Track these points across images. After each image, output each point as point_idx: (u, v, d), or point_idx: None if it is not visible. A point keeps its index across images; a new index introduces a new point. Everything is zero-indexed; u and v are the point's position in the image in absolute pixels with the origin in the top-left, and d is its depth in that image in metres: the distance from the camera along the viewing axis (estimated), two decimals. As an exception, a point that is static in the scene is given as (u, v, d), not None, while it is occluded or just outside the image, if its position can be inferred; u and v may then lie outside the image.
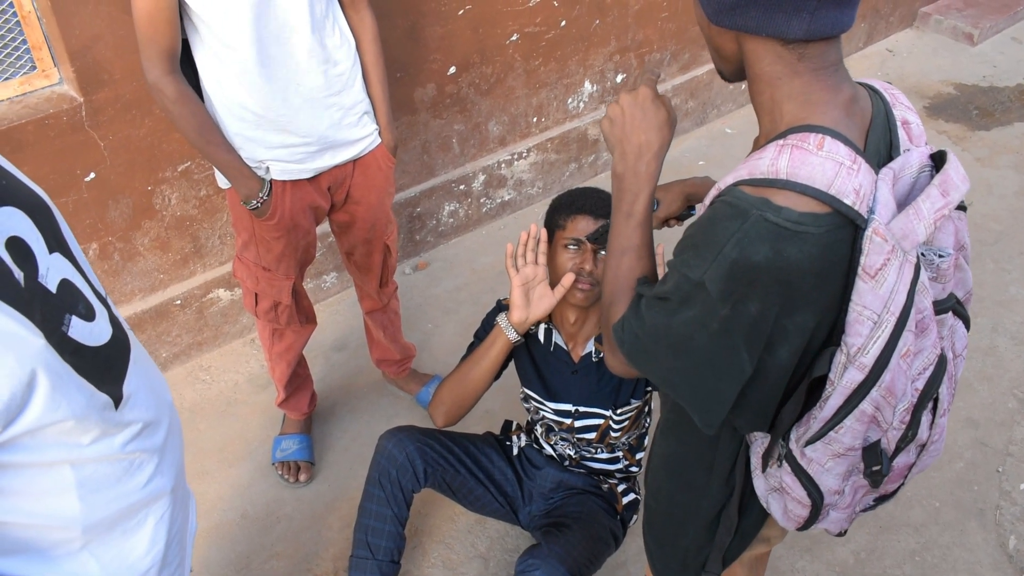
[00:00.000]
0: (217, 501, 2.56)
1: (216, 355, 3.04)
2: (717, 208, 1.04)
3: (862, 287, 1.00)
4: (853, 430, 1.07)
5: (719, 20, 1.06)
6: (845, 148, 0.99)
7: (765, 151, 1.02)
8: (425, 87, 3.13)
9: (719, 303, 1.02)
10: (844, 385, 1.05)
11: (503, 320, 1.93)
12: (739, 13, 1.03)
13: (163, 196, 2.66)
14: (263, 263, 2.20)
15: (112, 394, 1.06)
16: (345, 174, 2.19)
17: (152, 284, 2.81)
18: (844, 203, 0.98)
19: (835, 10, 0.99)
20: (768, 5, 0.99)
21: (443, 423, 2.04)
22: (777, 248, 0.98)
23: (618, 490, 2.22)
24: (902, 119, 1.13)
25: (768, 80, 1.06)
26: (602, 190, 1.97)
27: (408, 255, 3.46)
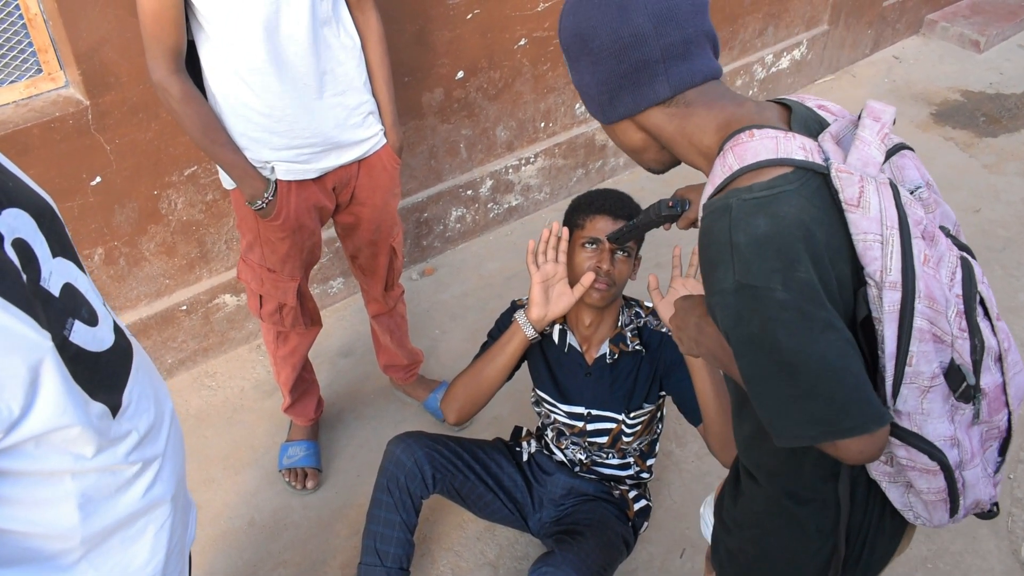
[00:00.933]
0: (223, 509, 2.53)
1: (222, 361, 3.02)
2: (704, 226, 1.11)
3: (853, 218, 1.06)
4: (923, 354, 1.07)
5: (608, 117, 1.22)
6: (772, 128, 1.10)
7: (714, 169, 1.13)
8: (433, 92, 3.12)
9: (767, 286, 1.03)
10: (888, 311, 1.06)
11: (521, 317, 1.91)
12: (616, 104, 1.19)
13: (169, 201, 2.64)
14: (268, 264, 2.18)
15: (109, 402, 1.04)
16: (350, 175, 2.17)
17: (158, 289, 2.79)
18: (797, 159, 1.06)
19: (683, 62, 1.14)
20: (631, 86, 1.16)
21: (455, 420, 2.02)
22: (771, 212, 1.04)
23: (629, 496, 2.19)
24: (817, 105, 1.22)
25: (678, 134, 1.18)
26: (622, 192, 1.95)
27: (415, 260, 3.44)
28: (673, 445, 2.68)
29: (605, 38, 1.14)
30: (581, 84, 1.22)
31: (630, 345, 2.00)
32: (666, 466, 2.61)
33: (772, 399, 1.09)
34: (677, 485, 2.55)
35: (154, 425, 1.16)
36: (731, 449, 1.82)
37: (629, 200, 1.92)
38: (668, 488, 2.54)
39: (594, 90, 1.20)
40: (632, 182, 3.98)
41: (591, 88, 1.20)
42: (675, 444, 2.68)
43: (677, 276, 1.82)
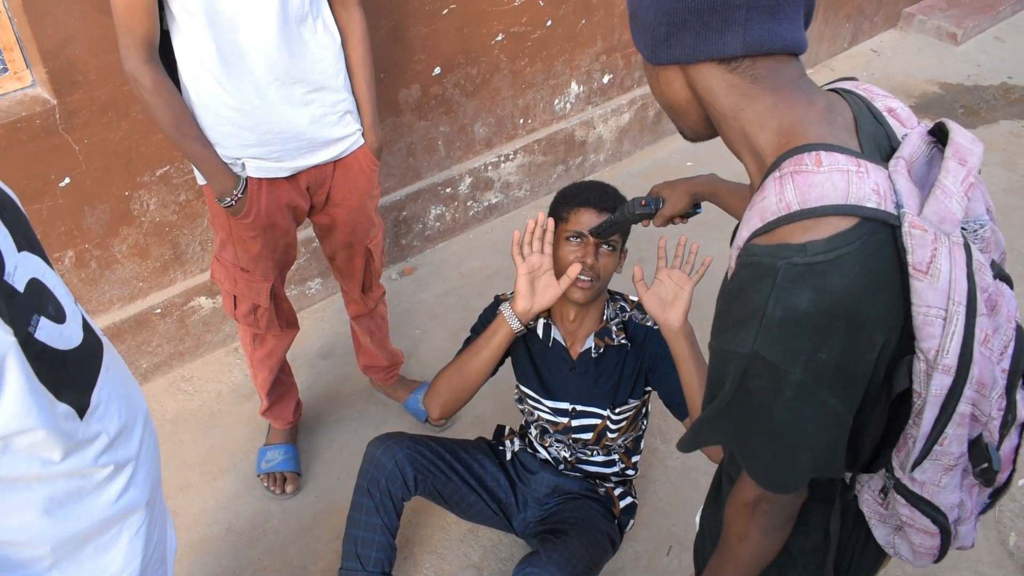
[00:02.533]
0: (201, 515, 2.48)
1: (198, 365, 2.97)
2: (740, 273, 0.97)
3: (919, 286, 0.92)
4: (957, 437, 0.99)
5: (658, 57, 1.02)
6: (844, 156, 0.93)
7: (766, 190, 0.96)
8: (409, 88, 3.08)
9: (784, 367, 0.94)
10: (935, 394, 0.96)
11: (507, 309, 1.88)
12: (674, 43, 0.99)
13: (141, 201, 2.58)
14: (241, 264, 2.13)
15: (76, 403, 1.00)
16: (325, 175, 2.12)
17: (131, 292, 2.73)
18: (868, 207, 0.90)
19: (769, 20, 0.94)
20: (698, 27, 0.96)
21: (439, 415, 1.98)
22: (819, 286, 0.90)
23: (615, 494, 2.16)
24: (886, 107, 1.07)
25: (731, 114, 1.01)
26: (607, 184, 1.92)
27: (394, 260, 3.40)
28: (658, 441, 2.65)
29: None
30: (637, 7, 1.02)
31: (615, 339, 1.97)
32: (651, 463, 2.58)
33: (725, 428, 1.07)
34: (663, 482, 2.52)
35: (126, 427, 1.12)
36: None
37: (614, 192, 1.89)
38: (653, 485, 2.51)
39: (651, 17, 0.99)
40: (612, 178, 3.95)
41: (648, 14, 1.00)
42: (660, 440, 2.65)
43: (663, 267, 1.79)
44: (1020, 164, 4.04)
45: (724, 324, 1.01)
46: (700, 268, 1.76)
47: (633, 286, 1.83)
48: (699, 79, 1.01)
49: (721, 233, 3.51)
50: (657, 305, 1.76)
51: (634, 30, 1.05)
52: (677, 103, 1.07)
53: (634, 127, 4.02)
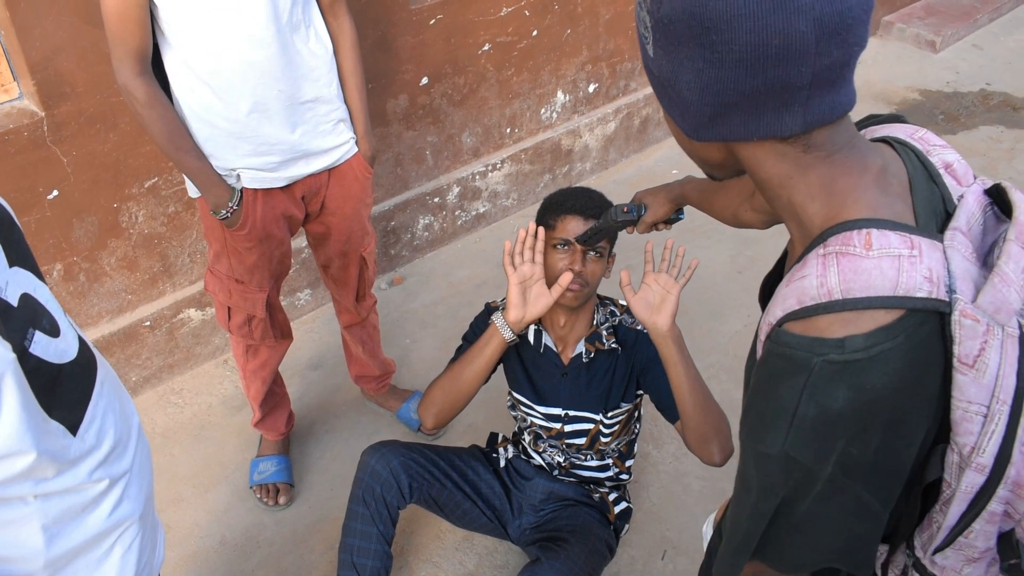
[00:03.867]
0: (194, 528, 2.46)
1: (188, 377, 2.95)
2: (771, 363, 0.89)
3: (962, 380, 0.85)
4: (985, 532, 0.93)
5: (699, 135, 0.90)
6: (896, 236, 0.84)
7: (807, 266, 0.88)
8: (397, 98, 3.08)
9: (816, 466, 0.88)
10: (964, 490, 0.90)
11: (499, 319, 1.88)
12: (720, 123, 0.87)
13: (130, 213, 2.57)
14: (235, 275, 2.13)
15: (68, 419, 0.99)
16: (320, 183, 2.13)
17: (120, 305, 2.72)
18: (919, 298, 0.83)
19: (830, 93, 0.84)
20: (751, 108, 0.84)
21: (433, 425, 1.97)
22: (856, 384, 0.83)
23: (609, 499, 2.16)
24: (942, 163, 0.97)
25: (779, 183, 0.91)
26: (592, 190, 1.93)
27: (383, 270, 3.39)
28: (650, 447, 2.66)
29: (744, 36, 0.79)
30: (674, 79, 0.87)
31: (606, 343, 1.98)
32: (643, 468, 2.58)
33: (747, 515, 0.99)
34: (656, 487, 2.53)
35: (120, 440, 1.11)
36: (709, 444, 1.81)
37: (600, 198, 1.91)
38: (646, 490, 2.52)
39: (695, 96, 0.86)
40: (599, 187, 3.94)
41: (691, 92, 0.86)
42: (652, 446, 2.66)
43: (649, 272, 1.80)
44: (1000, 169, 4.09)
45: (752, 422, 0.94)
46: (687, 272, 1.77)
47: (621, 291, 1.85)
48: (744, 148, 0.91)
49: (707, 239, 3.54)
50: (644, 309, 1.76)
51: (664, 99, 0.92)
52: (711, 161, 0.97)
53: (620, 136, 4.04)
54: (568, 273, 1.80)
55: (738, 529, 1.01)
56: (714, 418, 1.80)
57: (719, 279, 3.35)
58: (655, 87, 0.93)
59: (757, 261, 3.43)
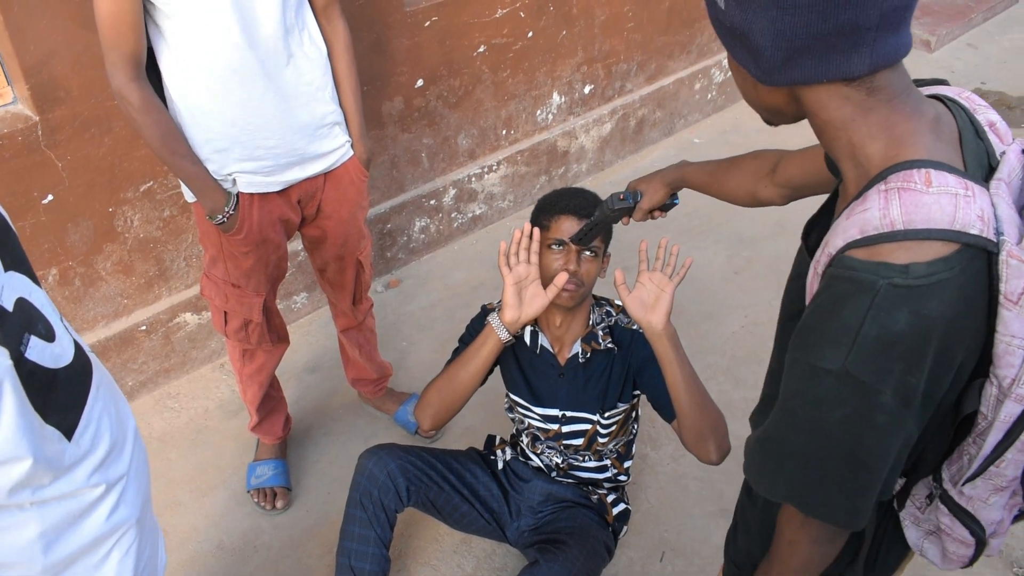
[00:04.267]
0: (191, 533, 2.46)
1: (184, 382, 2.94)
2: (836, 286, 0.93)
3: (1007, 316, 0.91)
4: (1015, 461, 1.00)
5: (772, 80, 0.95)
6: (953, 177, 0.90)
7: (868, 201, 0.92)
8: (393, 100, 3.08)
9: (876, 387, 0.92)
10: (1002, 420, 0.96)
11: (495, 320, 1.87)
12: (792, 67, 0.92)
13: (125, 218, 2.57)
14: (232, 279, 2.12)
15: (64, 424, 0.99)
16: (316, 187, 2.12)
17: (116, 310, 2.71)
18: (972, 234, 0.89)
19: (894, 35, 0.89)
20: (822, 51, 0.89)
21: (430, 426, 1.97)
22: (916, 309, 0.89)
23: (608, 500, 2.16)
24: (987, 121, 1.04)
25: (840, 125, 0.96)
26: (586, 190, 1.93)
27: (379, 273, 3.39)
28: (648, 448, 2.65)
29: None
30: (747, 28, 0.93)
31: (602, 343, 1.97)
32: (641, 469, 2.58)
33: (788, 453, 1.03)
34: (654, 488, 2.53)
35: (116, 444, 1.11)
36: (705, 442, 1.81)
37: (594, 198, 1.90)
38: (644, 492, 2.52)
39: (768, 41, 0.91)
40: (595, 187, 3.95)
41: (763, 38, 0.92)
42: (650, 447, 2.66)
43: (644, 270, 1.80)
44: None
45: (811, 338, 0.97)
46: (681, 270, 1.77)
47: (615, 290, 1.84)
48: (809, 92, 0.96)
49: (703, 240, 3.54)
50: (639, 308, 1.76)
51: (736, 48, 0.98)
52: (774, 107, 1.03)
53: (615, 137, 4.04)
54: (563, 273, 1.80)
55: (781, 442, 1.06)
56: (710, 416, 1.80)
57: (716, 280, 3.35)
58: (725, 38, 0.99)
59: (754, 262, 3.43)
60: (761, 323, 3.11)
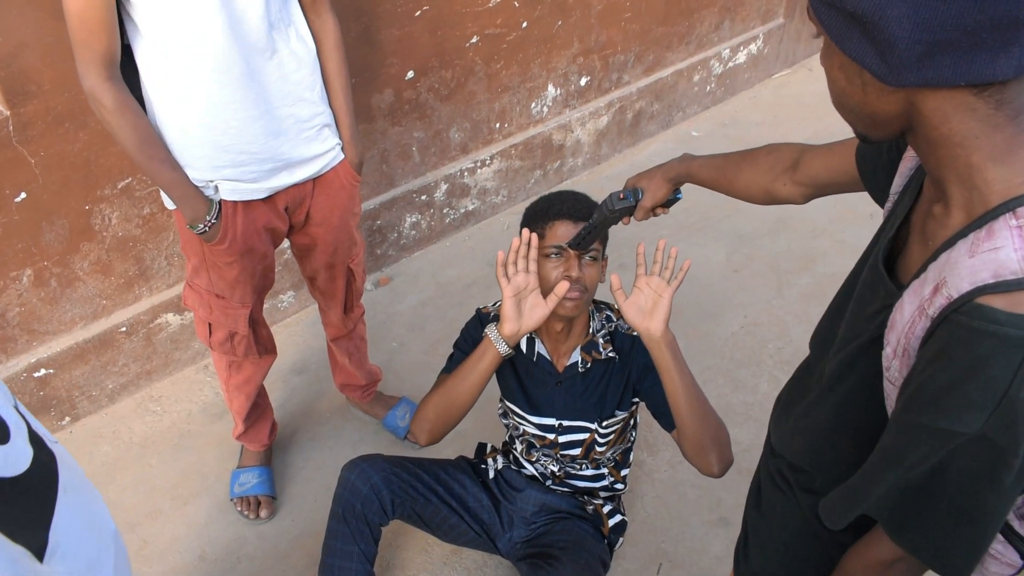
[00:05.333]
0: (172, 543, 2.37)
1: (167, 384, 2.85)
2: (975, 342, 0.81)
3: None
4: None
5: (900, 79, 0.82)
6: None
7: (997, 237, 0.81)
8: (382, 93, 2.98)
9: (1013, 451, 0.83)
10: None
11: (493, 332, 1.77)
12: (928, 64, 0.79)
13: (102, 216, 2.47)
14: (216, 290, 2.01)
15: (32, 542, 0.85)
16: (304, 193, 2.00)
17: (94, 311, 2.62)
18: None
19: None
20: (967, 47, 0.77)
21: (427, 441, 1.88)
22: None
23: (604, 511, 2.07)
24: None
25: (960, 141, 0.83)
26: (577, 192, 1.83)
27: (369, 270, 3.30)
28: (645, 454, 2.57)
29: None
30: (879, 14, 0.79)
31: (603, 352, 1.89)
32: (638, 477, 2.50)
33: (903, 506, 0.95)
34: (650, 496, 2.45)
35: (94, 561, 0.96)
36: (707, 454, 1.72)
37: (586, 199, 1.81)
38: (641, 500, 2.43)
39: (905, 31, 0.78)
40: (591, 182, 3.88)
41: (900, 28, 0.78)
42: (647, 453, 2.57)
43: (641, 275, 1.71)
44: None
45: (944, 401, 0.85)
46: (679, 273, 1.67)
47: (612, 296, 1.75)
48: (930, 99, 0.83)
49: (702, 237, 3.45)
50: (636, 314, 1.68)
51: (851, 39, 0.84)
52: (883, 116, 0.89)
53: (612, 130, 3.95)
54: (564, 282, 1.70)
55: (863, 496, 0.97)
56: (711, 427, 1.72)
57: (715, 278, 3.26)
58: (836, 26, 0.85)
59: (754, 259, 3.34)
60: (761, 323, 3.02)
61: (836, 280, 3.14)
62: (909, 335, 0.90)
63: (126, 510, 2.45)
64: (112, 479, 2.54)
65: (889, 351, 0.94)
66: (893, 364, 0.94)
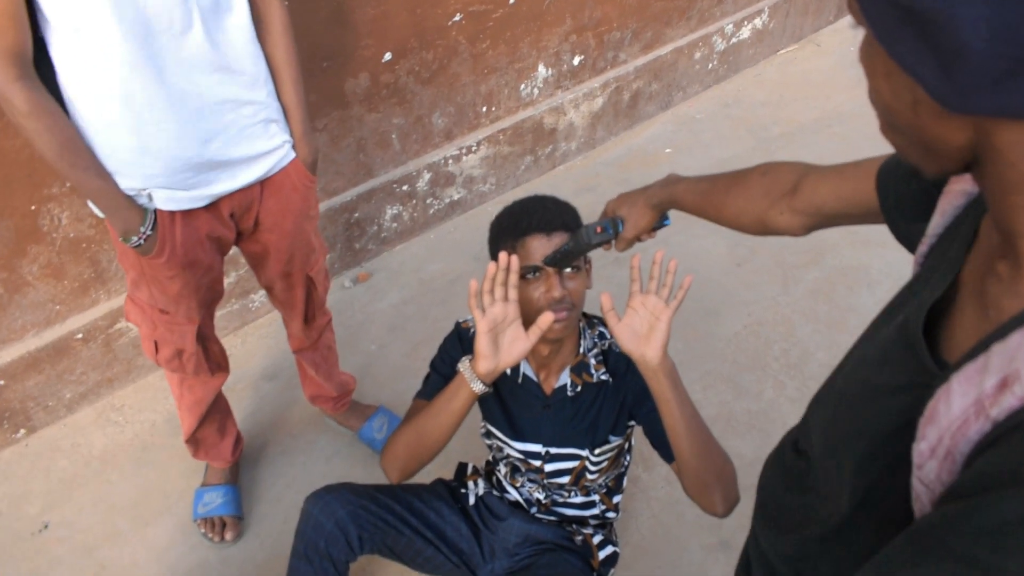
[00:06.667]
0: (131, 568, 2.20)
1: (130, 392, 2.67)
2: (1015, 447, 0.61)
3: None
4: None
5: (967, 103, 0.60)
6: None
7: None
8: (357, 77, 2.77)
9: None
10: None
11: (467, 370, 1.54)
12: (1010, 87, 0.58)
13: (51, 216, 2.28)
14: (159, 305, 1.82)
15: None
16: (251, 198, 1.79)
17: (47, 317, 2.43)
18: None
19: None
20: None
21: (399, 479, 1.67)
22: None
23: (593, 542, 1.89)
24: None
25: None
26: (544, 196, 1.63)
27: (347, 266, 3.10)
28: (640, 470, 2.39)
29: None
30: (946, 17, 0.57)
31: (595, 375, 1.70)
32: (633, 494, 2.32)
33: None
34: (645, 516, 2.27)
35: None
36: (710, 493, 1.54)
37: (556, 205, 1.60)
38: (635, 520, 2.25)
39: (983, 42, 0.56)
40: (585, 168, 3.67)
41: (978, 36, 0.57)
42: (642, 468, 2.39)
43: (636, 293, 1.50)
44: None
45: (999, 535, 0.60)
46: (679, 292, 1.46)
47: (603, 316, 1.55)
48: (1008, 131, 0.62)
49: (701, 228, 3.24)
50: (631, 339, 1.46)
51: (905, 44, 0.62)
52: (935, 144, 0.67)
53: (608, 112, 3.73)
54: (548, 315, 1.47)
55: None
56: (715, 464, 1.53)
57: (716, 274, 3.07)
58: (884, 24, 0.62)
59: (758, 252, 3.14)
60: (765, 323, 2.83)
61: (847, 274, 2.95)
62: (957, 436, 0.66)
63: (83, 531, 2.28)
64: (69, 497, 2.36)
65: (925, 448, 0.70)
66: (929, 465, 0.71)
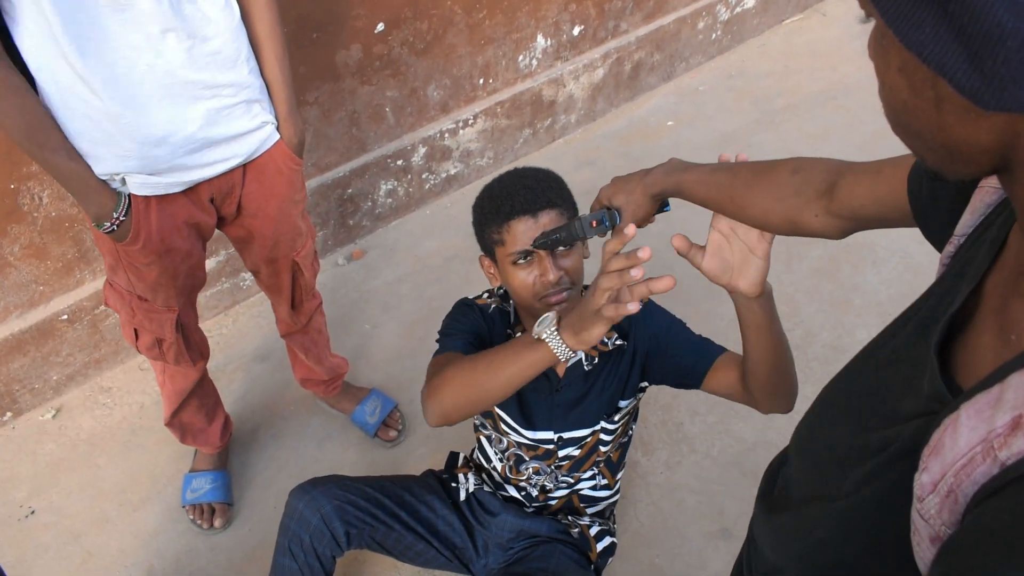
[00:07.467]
0: (119, 555, 2.16)
1: (118, 373, 2.62)
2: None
3: None
4: None
5: (1002, 99, 0.52)
6: None
7: None
8: (349, 48, 2.68)
9: None
10: None
11: (552, 337, 1.27)
12: None
13: (32, 195, 2.20)
14: (137, 291, 1.75)
15: None
16: (233, 182, 1.71)
17: (30, 298, 2.37)
18: None
19: None
20: None
21: (437, 424, 1.45)
22: None
23: (591, 534, 1.84)
24: None
25: None
26: (525, 170, 1.55)
27: (341, 243, 3.03)
28: (639, 454, 2.33)
29: None
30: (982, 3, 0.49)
31: (608, 342, 1.63)
32: (631, 479, 2.26)
33: None
34: (644, 503, 2.21)
35: None
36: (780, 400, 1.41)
37: (535, 179, 1.51)
38: (634, 507, 2.20)
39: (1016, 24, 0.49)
40: (585, 140, 3.58)
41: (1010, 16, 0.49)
42: (641, 452, 2.33)
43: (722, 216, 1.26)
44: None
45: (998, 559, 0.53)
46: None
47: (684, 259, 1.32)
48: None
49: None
50: (722, 271, 1.26)
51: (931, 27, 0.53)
52: (960, 147, 0.59)
53: (609, 83, 3.63)
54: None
55: None
56: (792, 372, 1.40)
57: (718, 250, 2.99)
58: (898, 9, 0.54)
59: (761, 228, 3.06)
60: (769, 302, 2.76)
61: (851, 252, 2.87)
62: (962, 475, 0.59)
63: (70, 517, 2.24)
64: (56, 482, 2.32)
65: (927, 481, 0.63)
66: (931, 500, 0.63)
